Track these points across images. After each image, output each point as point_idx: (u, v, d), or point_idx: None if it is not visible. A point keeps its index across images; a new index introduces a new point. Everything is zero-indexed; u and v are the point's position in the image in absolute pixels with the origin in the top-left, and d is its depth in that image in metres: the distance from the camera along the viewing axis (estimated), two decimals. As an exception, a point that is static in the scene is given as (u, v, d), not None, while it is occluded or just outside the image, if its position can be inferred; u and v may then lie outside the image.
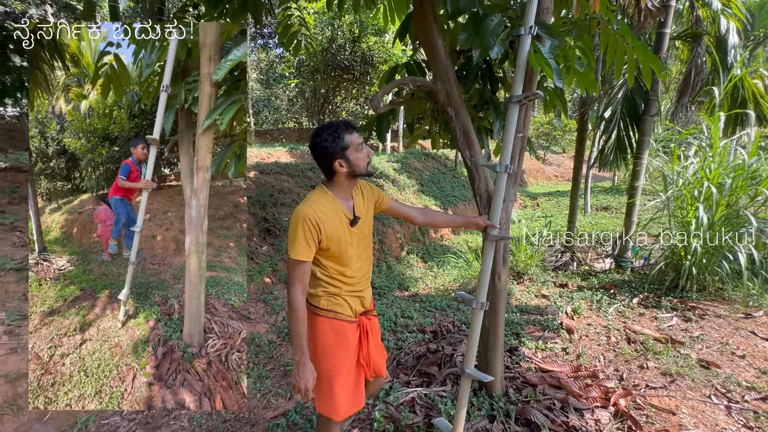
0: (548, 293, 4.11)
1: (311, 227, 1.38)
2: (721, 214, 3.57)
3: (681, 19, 5.61)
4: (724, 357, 2.74)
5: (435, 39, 2.06)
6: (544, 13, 1.97)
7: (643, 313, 3.45)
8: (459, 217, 2.16)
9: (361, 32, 7.11)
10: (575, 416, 2.19)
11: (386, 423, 2.12)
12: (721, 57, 4.46)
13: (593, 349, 2.96)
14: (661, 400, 2.35)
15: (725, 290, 3.65)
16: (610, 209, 9.69)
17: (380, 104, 2.04)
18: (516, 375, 2.56)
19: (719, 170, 3.65)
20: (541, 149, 17.22)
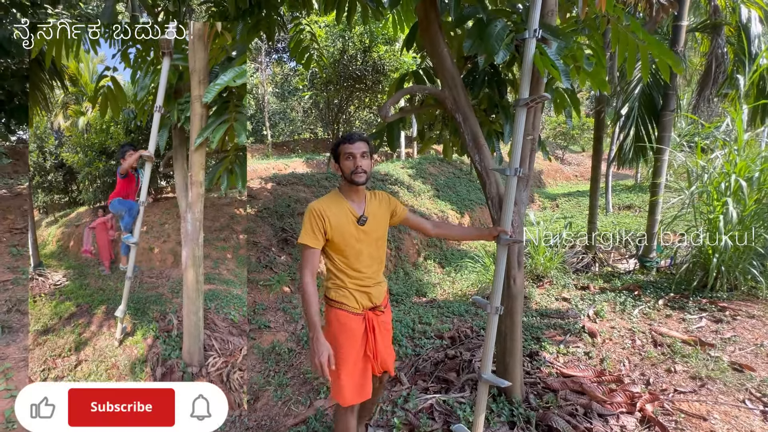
0: (569, 296, 4.02)
1: (317, 218, 1.58)
2: (750, 208, 3.43)
3: (699, 10, 5.45)
4: (758, 359, 2.61)
5: (441, 47, 2.08)
6: (549, 15, 1.97)
7: (670, 314, 3.32)
8: (472, 229, 2.19)
9: (372, 42, 7.21)
10: (599, 422, 2.13)
11: (405, 429, 2.12)
12: (744, 47, 4.30)
13: (617, 352, 2.87)
14: (691, 405, 2.25)
15: (759, 289, 3.48)
16: (633, 208, 9.40)
17: (389, 113, 2.08)
18: (537, 380, 2.52)
19: (745, 163, 3.51)
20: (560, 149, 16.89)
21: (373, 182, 7.33)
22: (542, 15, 1.94)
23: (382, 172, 8.16)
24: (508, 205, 1.79)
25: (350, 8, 3.30)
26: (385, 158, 12.58)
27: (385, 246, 1.77)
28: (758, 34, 4.18)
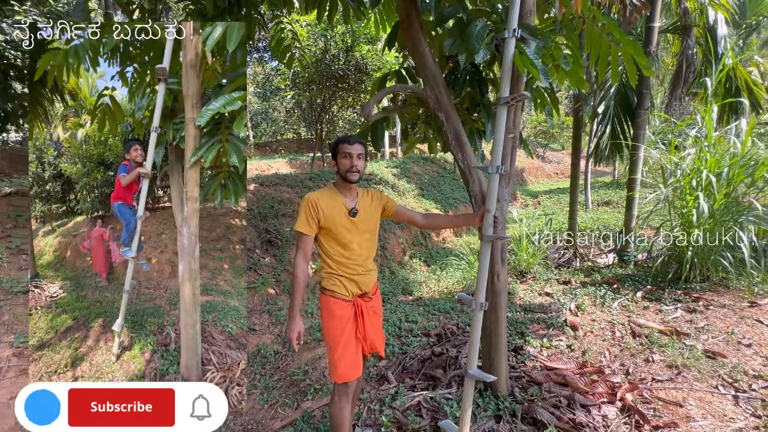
0: (551, 291, 4.11)
1: (312, 207, 1.72)
2: (720, 203, 3.57)
3: (670, 11, 5.65)
4: (730, 347, 2.73)
5: (422, 46, 2.10)
6: (527, 15, 2.00)
7: (648, 306, 3.44)
8: (460, 216, 2.26)
9: (354, 41, 7.19)
10: (582, 413, 2.19)
11: (393, 428, 2.13)
12: (711, 48, 4.48)
13: (598, 344, 2.95)
14: (668, 393, 2.34)
15: (729, 279, 3.64)
16: (612, 204, 9.67)
17: (371, 113, 2.08)
18: (521, 374, 2.56)
19: (716, 159, 3.66)
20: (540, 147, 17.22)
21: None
22: (521, 15, 1.98)
23: (366, 171, 8.16)
24: (491, 202, 1.81)
25: (331, 7, 3.28)
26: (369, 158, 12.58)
27: (375, 240, 1.90)
28: (724, 35, 4.36)
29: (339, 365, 1.75)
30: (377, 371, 2.79)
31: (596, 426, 2.10)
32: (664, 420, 2.13)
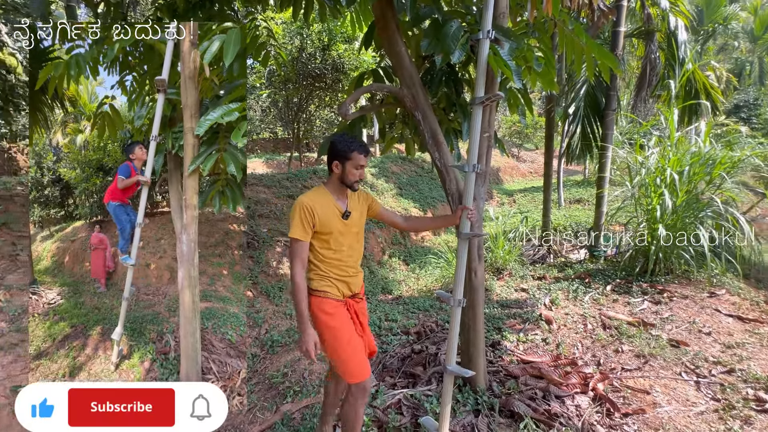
0: (527, 287, 4.22)
1: (307, 212, 1.65)
2: (682, 199, 3.77)
3: (634, 17, 5.90)
4: (692, 335, 2.88)
5: (398, 46, 2.11)
6: (501, 17, 2.05)
7: (617, 299, 3.58)
8: (438, 217, 2.27)
9: (331, 40, 7.14)
10: (557, 403, 2.26)
11: (374, 426, 2.13)
12: (673, 52, 4.72)
13: (571, 337, 3.06)
14: (636, 381, 2.45)
15: (691, 272, 3.84)
16: (583, 201, 10.01)
17: (348, 112, 2.08)
18: (499, 368, 2.62)
19: (677, 158, 3.85)
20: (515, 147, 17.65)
21: (335, 182, 7.27)
22: (494, 17, 2.02)
23: (344, 171, 8.12)
24: (468, 200, 1.85)
25: (307, 5, 3.24)
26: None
27: (362, 239, 1.89)
28: (684, 40, 4.60)
29: (350, 364, 1.69)
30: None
31: (570, 415, 2.17)
32: (632, 407, 2.23)
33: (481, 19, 1.81)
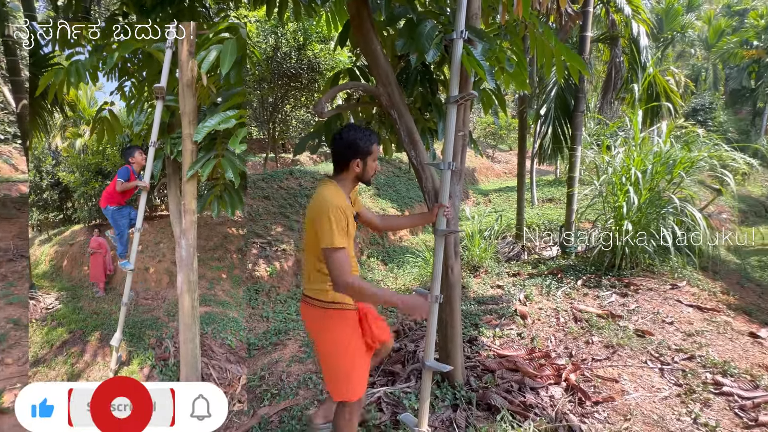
0: (503, 283, 4.32)
1: (342, 216, 1.49)
2: (645, 197, 3.96)
3: (600, 23, 6.16)
4: (656, 325, 3.03)
5: (374, 44, 2.12)
6: (474, 18, 2.09)
7: (587, 293, 3.72)
8: (415, 216, 2.25)
9: (306, 40, 7.07)
10: (531, 395, 2.32)
11: (353, 426, 2.12)
12: (636, 57, 4.95)
13: (545, 330, 3.15)
14: (605, 371, 2.55)
15: (655, 266, 4.04)
16: (555, 200, 10.33)
17: (324, 110, 2.07)
18: (476, 363, 2.67)
19: (641, 158, 4.05)
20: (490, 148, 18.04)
21: (312, 182, 7.21)
22: (467, 18, 2.06)
23: (321, 172, 8.06)
24: (444, 198, 1.87)
25: (281, 3, 3.20)
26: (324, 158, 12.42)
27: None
28: (646, 46, 4.85)
29: (352, 379, 1.61)
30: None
31: (544, 406, 2.24)
32: (602, 395, 2.32)
33: (454, 19, 1.85)
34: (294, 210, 6.20)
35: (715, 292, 3.56)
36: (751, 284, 4.46)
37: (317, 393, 2.51)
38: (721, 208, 11.54)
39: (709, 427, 2.02)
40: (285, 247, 5.22)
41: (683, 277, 3.79)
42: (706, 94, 18.00)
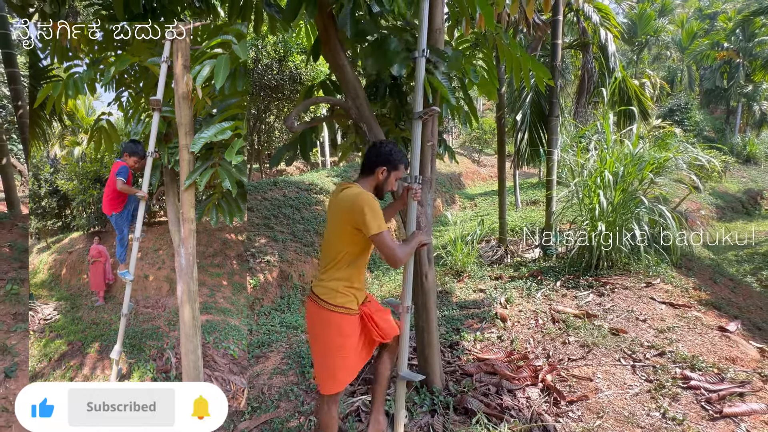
0: (485, 287, 4.38)
1: (377, 204, 1.64)
2: (618, 198, 4.08)
3: (572, 30, 6.36)
4: (630, 323, 3.11)
5: (341, 60, 2.17)
6: (437, 33, 2.16)
7: (566, 293, 3.80)
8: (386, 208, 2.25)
9: (287, 51, 7.14)
10: (508, 397, 2.37)
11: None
12: (605, 63, 5.12)
13: (524, 333, 3.21)
14: (580, 370, 2.61)
15: (630, 264, 4.15)
16: (538, 203, 10.50)
17: (294, 123, 2.11)
18: (456, 368, 2.71)
19: (613, 160, 4.17)
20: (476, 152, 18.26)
21: (297, 192, 7.22)
22: (431, 32, 2.13)
23: (306, 182, 8.08)
24: (412, 207, 1.92)
25: (257, 17, 3.25)
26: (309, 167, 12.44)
27: None
28: (613, 51, 5.02)
29: (339, 373, 1.70)
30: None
31: (521, 407, 2.29)
32: (577, 394, 2.38)
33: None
34: (278, 221, 6.20)
35: (687, 288, 3.67)
36: (723, 279, 4.61)
37: (298, 405, 2.51)
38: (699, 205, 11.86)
39: (677, 421, 2.09)
40: (269, 259, 5.21)
41: (657, 274, 3.90)
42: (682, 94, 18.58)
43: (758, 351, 2.74)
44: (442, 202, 11.60)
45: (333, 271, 1.68)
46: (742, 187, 14.69)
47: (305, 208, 6.77)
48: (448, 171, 13.39)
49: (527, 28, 3.75)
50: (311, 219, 6.49)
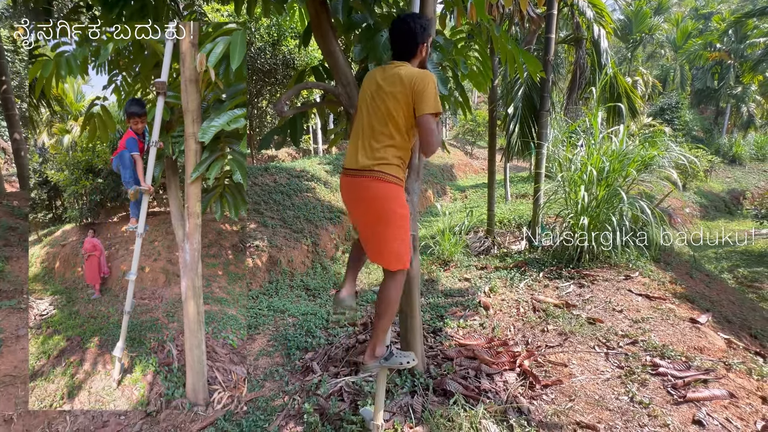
0: (470, 276, 4.47)
1: None
2: (603, 193, 4.17)
3: (567, 24, 6.38)
4: (607, 313, 3.23)
5: (332, 46, 2.18)
6: (428, 22, 2.18)
7: (548, 284, 3.91)
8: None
9: (280, 35, 7.04)
10: (487, 381, 2.46)
11: (315, 414, 2.21)
12: (597, 59, 5.17)
13: (506, 321, 3.31)
14: (556, 356, 2.72)
15: (611, 258, 4.27)
16: (528, 196, 10.63)
17: (284, 109, 2.12)
18: (437, 352, 2.79)
19: (598, 156, 4.25)
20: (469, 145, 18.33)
21: (288, 179, 7.20)
22: (423, 22, 2.15)
23: (298, 168, 8.05)
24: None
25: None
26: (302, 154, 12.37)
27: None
28: (605, 48, 5.07)
29: (409, 251, 1.72)
30: (302, 363, 2.85)
31: (498, 390, 2.38)
32: (552, 379, 2.48)
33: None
34: (268, 207, 6.20)
35: (664, 282, 3.80)
36: (700, 275, 4.77)
37: (282, 384, 2.58)
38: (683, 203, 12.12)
39: (643, 405, 2.20)
40: (258, 244, 5.23)
41: (637, 268, 4.02)
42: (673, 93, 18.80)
43: (725, 342, 2.88)
44: (433, 193, 11.66)
45: (391, 148, 1.63)
46: (726, 187, 15.04)
47: (296, 195, 6.77)
48: (440, 162, 13.44)
49: (522, 21, 3.77)
50: (301, 205, 6.50)
